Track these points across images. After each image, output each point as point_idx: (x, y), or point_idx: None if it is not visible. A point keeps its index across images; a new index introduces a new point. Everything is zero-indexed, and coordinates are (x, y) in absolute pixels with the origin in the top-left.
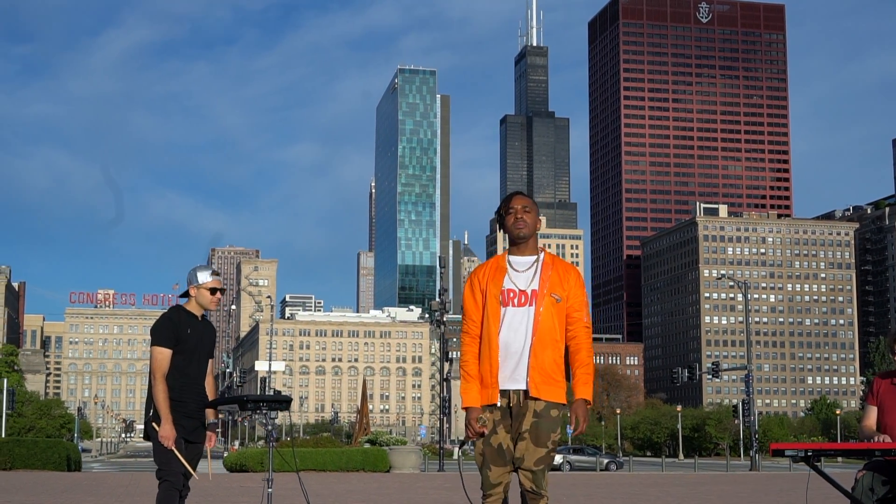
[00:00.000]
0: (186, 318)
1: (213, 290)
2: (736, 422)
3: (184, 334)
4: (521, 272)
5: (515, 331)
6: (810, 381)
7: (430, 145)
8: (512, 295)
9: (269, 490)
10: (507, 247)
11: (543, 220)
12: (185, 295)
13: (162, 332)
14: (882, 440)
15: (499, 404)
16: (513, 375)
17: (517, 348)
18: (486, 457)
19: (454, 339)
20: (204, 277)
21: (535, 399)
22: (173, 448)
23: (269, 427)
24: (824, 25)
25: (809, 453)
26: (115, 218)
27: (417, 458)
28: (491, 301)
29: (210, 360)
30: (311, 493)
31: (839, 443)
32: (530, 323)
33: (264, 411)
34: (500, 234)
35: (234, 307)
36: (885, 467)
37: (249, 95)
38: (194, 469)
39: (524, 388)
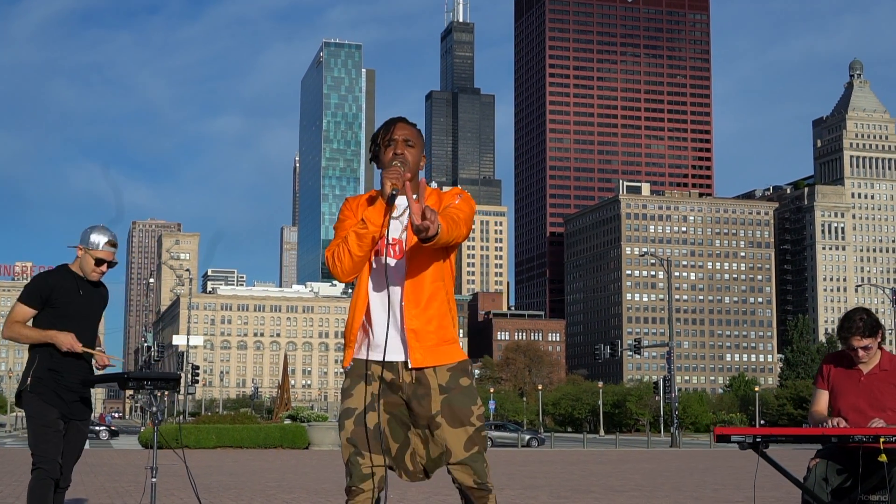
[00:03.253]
0: (69, 281)
1: (98, 261)
2: (657, 398)
3: (61, 299)
4: (396, 218)
5: (384, 289)
6: (728, 359)
7: (354, 120)
8: (387, 244)
9: (153, 479)
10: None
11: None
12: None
13: (30, 290)
14: (837, 425)
15: (379, 374)
16: (391, 343)
17: (390, 310)
18: (356, 439)
19: None
20: (96, 242)
21: (430, 369)
22: (80, 346)
23: (154, 408)
24: (749, 6)
25: (758, 439)
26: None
27: (337, 434)
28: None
29: (98, 332)
30: (226, 472)
31: (790, 428)
32: (402, 278)
33: (149, 390)
34: None
35: (152, 280)
36: (840, 455)
37: (173, 66)
38: (78, 455)
39: (403, 359)
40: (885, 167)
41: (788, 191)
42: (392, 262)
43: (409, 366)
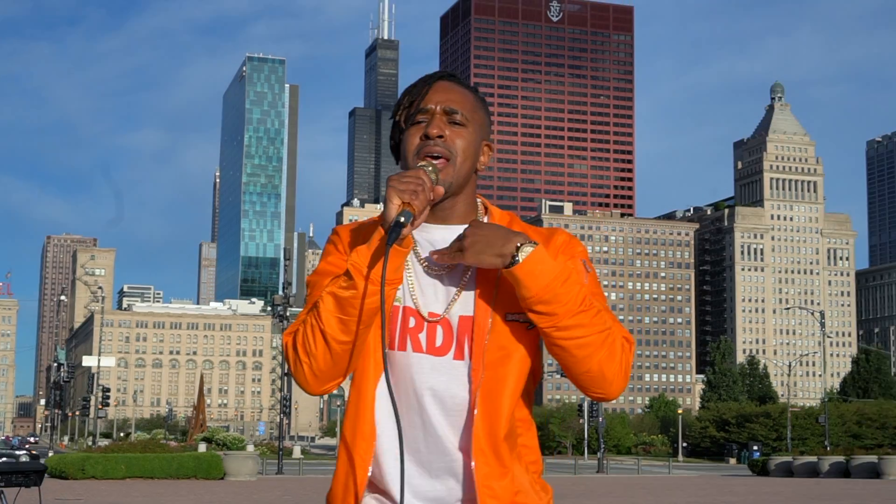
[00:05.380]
0: None
1: None
2: (580, 420)
3: None
4: (437, 272)
5: (422, 408)
6: (648, 379)
7: (277, 135)
8: (413, 325)
9: None
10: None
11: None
12: None
13: None
14: None
15: None
16: (432, 483)
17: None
18: None
19: None
20: None
21: None
22: None
23: None
24: (672, 28)
25: None
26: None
27: (255, 463)
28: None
29: None
30: None
31: None
32: (463, 392)
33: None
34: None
35: (64, 298)
36: None
37: (92, 78)
38: None
39: None
40: (804, 189)
41: (709, 212)
42: (427, 359)
43: None
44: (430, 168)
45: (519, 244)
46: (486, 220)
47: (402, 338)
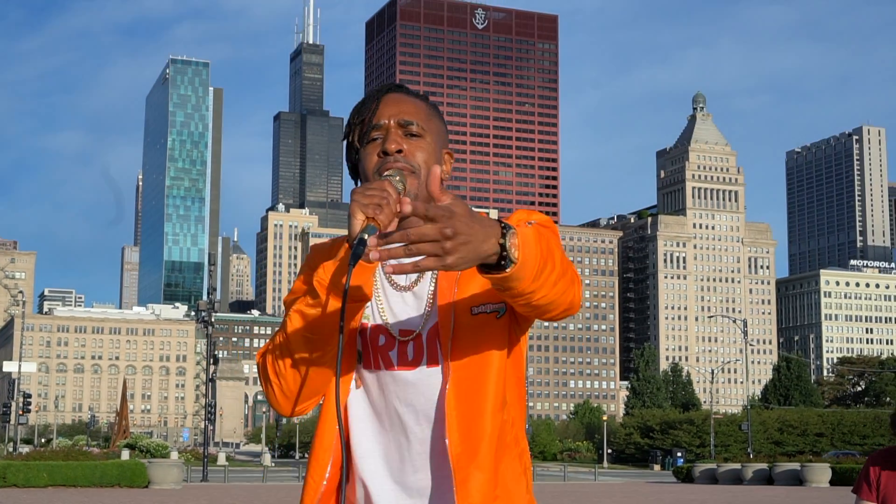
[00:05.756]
0: None
1: None
2: None
3: None
4: (403, 288)
5: (390, 432)
6: (573, 385)
7: (201, 139)
8: (383, 343)
9: None
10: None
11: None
12: None
13: None
14: None
15: None
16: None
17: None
18: None
19: (220, 339)
20: None
21: None
22: None
23: None
24: (596, 37)
25: None
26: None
27: (179, 471)
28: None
29: None
30: None
31: None
32: (433, 404)
33: None
34: (284, 227)
35: None
36: None
37: (10, 79)
38: None
39: None
40: (725, 199)
41: (632, 220)
42: (399, 375)
43: None
44: (398, 177)
45: (500, 237)
46: None
47: (374, 357)
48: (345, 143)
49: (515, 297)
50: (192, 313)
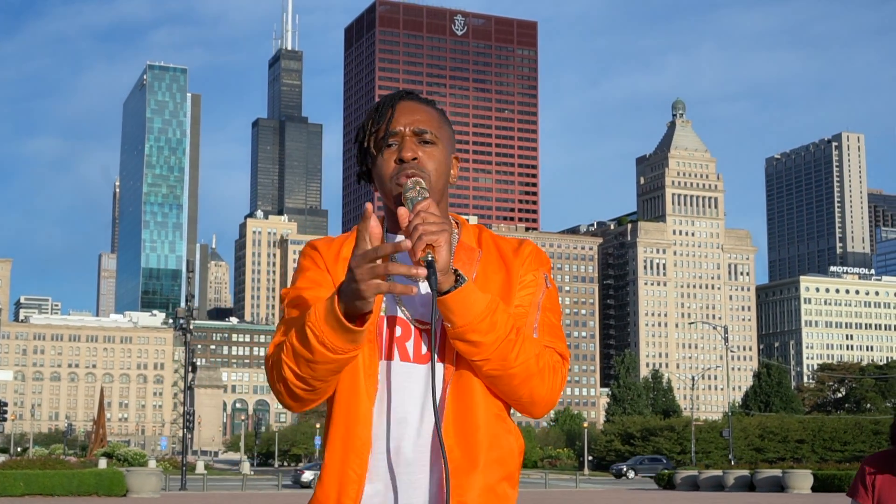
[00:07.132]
0: None
1: None
2: None
3: None
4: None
5: (402, 418)
6: None
7: (178, 145)
8: (400, 334)
9: None
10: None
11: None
12: None
13: None
14: None
15: None
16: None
17: (411, 448)
18: None
19: (199, 347)
20: None
21: None
22: None
23: None
24: (575, 43)
25: None
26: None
27: (158, 480)
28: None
29: None
30: None
31: None
32: (437, 398)
33: None
34: (263, 234)
35: None
36: None
37: None
38: None
39: None
40: (705, 205)
41: (612, 227)
42: (413, 369)
43: None
44: (423, 187)
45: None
46: (457, 234)
47: (388, 348)
48: (356, 147)
49: (463, 344)
50: (170, 321)
